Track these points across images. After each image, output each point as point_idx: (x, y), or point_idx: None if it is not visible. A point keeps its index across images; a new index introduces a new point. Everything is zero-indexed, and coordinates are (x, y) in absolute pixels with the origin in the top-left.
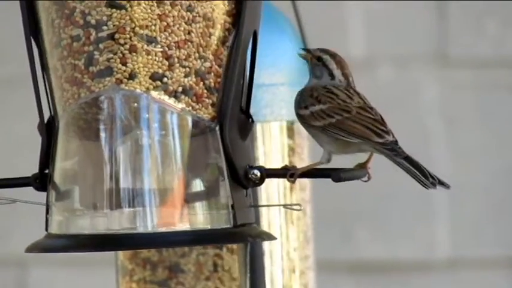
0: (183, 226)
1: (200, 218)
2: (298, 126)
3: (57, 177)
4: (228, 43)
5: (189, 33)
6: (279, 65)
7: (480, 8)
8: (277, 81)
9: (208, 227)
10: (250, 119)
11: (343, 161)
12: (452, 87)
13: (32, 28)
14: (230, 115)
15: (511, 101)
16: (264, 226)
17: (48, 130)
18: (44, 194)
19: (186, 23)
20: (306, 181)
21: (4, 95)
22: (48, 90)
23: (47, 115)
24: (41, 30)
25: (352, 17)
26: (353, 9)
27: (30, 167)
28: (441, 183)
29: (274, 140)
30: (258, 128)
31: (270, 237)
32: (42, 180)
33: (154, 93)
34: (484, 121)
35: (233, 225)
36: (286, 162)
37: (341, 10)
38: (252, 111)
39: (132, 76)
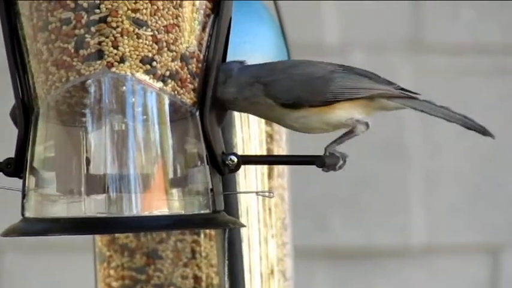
0: (163, 211)
1: (181, 203)
2: None
3: (36, 162)
4: (207, 29)
5: (176, 17)
6: (258, 52)
7: None
8: None
9: (189, 212)
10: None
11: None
12: (427, 73)
13: (8, 13)
14: (210, 101)
15: (486, 87)
16: (242, 213)
17: (25, 115)
18: (17, 180)
19: (174, 7)
20: (284, 168)
21: None
22: (25, 76)
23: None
24: (20, 15)
25: (327, 3)
26: None
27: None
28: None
29: (252, 126)
30: (236, 114)
31: (240, 224)
32: (16, 166)
33: (142, 77)
34: (459, 107)
35: (212, 211)
36: (264, 149)
37: None
38: None
39: (122, 59)
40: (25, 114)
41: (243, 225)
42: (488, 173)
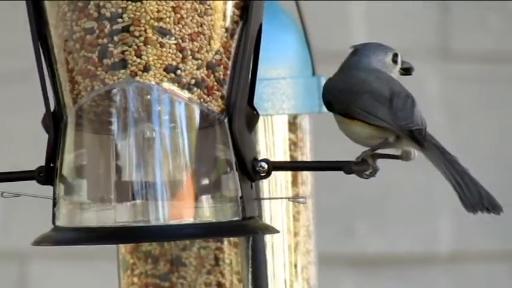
0: (193, 219)
1: (210, 210)
2: (300, 121)
3: (65, 170)
4: (236, 35)
5: (201, 25)
6: (281, 59)
7: (483, 2)
8: (279, 75)
9: (218, 219)
10: (255, 112)
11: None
12: (455, 81)
13: (38, 23)
14: (238, 107)
15: None
16: (267, 220)
17: (55, 124)
18: (46, 187)
19: (198, 15)
20: (307, 175)
21: (2, 90)
22: (54, 84)
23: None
24: (48, 24)
25: (355, 11)
26: (355, 4)
27: (28, 162)
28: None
29: (276, 134)
30: (260, 121)
31: (273, 230)
32: (47, 174)
33: (168, 86)
34: (487, 114)
35: (242, 218)
36: (288, 157)
37: (343, 5)
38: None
39: (146, 68)
40: (55, 123)
41: (277, 231)
42: None
